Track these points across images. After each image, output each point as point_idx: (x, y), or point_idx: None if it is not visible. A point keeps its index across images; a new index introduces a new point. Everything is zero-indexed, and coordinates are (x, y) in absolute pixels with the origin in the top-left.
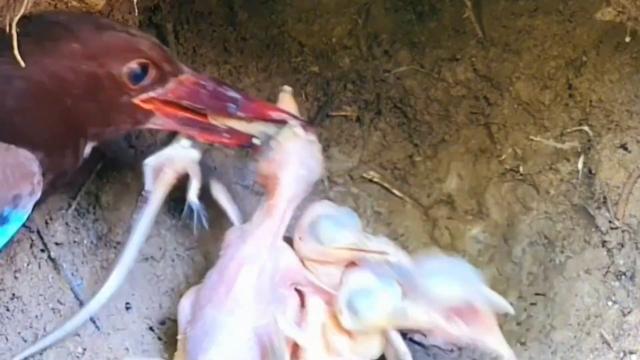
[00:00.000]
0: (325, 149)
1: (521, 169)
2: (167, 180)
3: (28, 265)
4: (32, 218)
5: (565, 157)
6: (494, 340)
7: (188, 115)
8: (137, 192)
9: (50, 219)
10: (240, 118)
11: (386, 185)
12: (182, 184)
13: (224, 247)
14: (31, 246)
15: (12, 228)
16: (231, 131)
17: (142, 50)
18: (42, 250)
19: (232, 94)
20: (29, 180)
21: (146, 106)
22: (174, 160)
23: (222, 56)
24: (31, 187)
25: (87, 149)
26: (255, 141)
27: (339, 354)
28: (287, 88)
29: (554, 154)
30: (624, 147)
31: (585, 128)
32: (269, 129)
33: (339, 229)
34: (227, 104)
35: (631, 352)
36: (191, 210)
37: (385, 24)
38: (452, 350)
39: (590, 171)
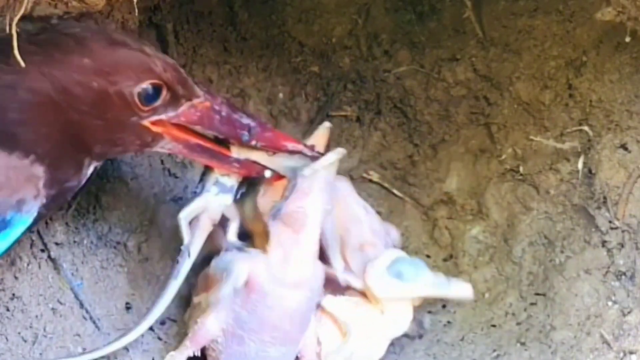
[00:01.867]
0: (326, 149)
1: (521, 169)
2: (205, 229)
3: (28, 265)
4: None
5: (565, 157)
6: None
7: (199, 142)
8: (137, 192)
9: (50, 219)
10: (253, 147)
11: (386, 185)
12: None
13: (251, 279)
14: (31, 246)
15: (15, 232)
16: (241, 161)
17: (155, 71)
18: (42, 250)
19: (246, 121)
20: (33, 183)
21: (155, 129)
22: (208, 209)
23: (222, 56)
24: (36, 191)
25: (90, 169)
26: (267, 173)
27: (369, 331)
28: (327, 124)
29: (554, 154)
30: (624, 147)
31: (585, 128)
32: (295, 162)
33: (418, 268)
34: (241, 132)
35: (631, 352)
36: (231, 249)
37: (385, 24)
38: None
39: (590, 171)
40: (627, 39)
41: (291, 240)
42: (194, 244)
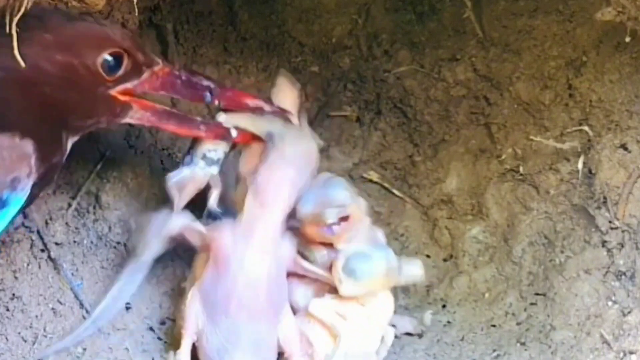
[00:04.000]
0: (325, 149)
1: (521, 169)
2: (189, 194)
3: (28, 265)
4: (32, 218)
5: (565, 157)
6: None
7: (165, 108)
8: (137, 192)
9: (50, 219)
10: (215, 106)
11: (386, 185)
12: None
13: (217, 249)
14: (31, 246)
15: (11, 211)
16: (207, 123)
17: (115, 39)
18: (42, 250)
19: (206, 82)
20: (26, 161)
21: (123, 98)
22: (195, 178)
23: (222, 56)
24: (28, 168)
25: (69, 144)
26: (233, 133)
27: (353, 324)
28: (283, 72)
29: (554, 154)
30: (624, 147)
31: (585, 128)
32: (274, 126)
33: (372, 261)
34: (203, 93)
35: (631, 352)
36: (210, 215)
37: (385, 24)
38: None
39: (590, 171)
40: (627, 39)
41: (258, 212)
42: (178, 204)
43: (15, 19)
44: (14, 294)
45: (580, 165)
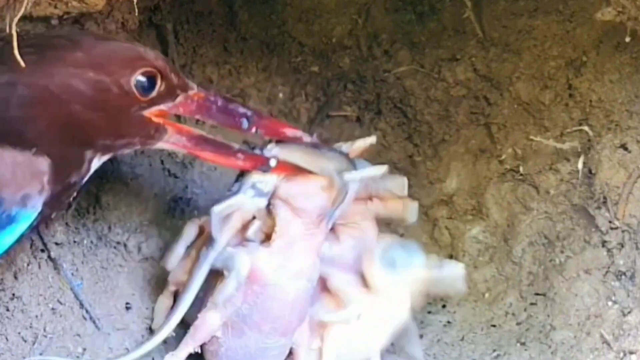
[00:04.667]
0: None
1: (521, 169)
2: (234, 227)
3: (28, 265)
4: None
5: (565, 157)
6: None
7: (202, 133)
8: (137, 192)
9: (50, 219)
10: (253, 134)
11: None
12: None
13: (254, 273)
14: (31, 246)
15: (20, 227)
16: (246, 152)
17: (148, 59)
18: (42, 250)
19: (242, 110)
20: (38, 179)
21: (157, 120)
22: (241, 209)
23: (222, 56)
24: (40, 185)
25: (96, 162)
26: (272, 163)
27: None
28: (374, 139)
29: (554, 154)
30: (624, 147)
31: (585, 128)
32: (334, 163)
33: (411, 253)
34: (239, 120)
35: (631, 352)
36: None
37: (385, 24)
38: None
39: (590, 171)
40: (627, 39)
41: (302, 235)
42: (220, 240)
43: (15, 19)
44: (14, 294)
45: (580, 165)
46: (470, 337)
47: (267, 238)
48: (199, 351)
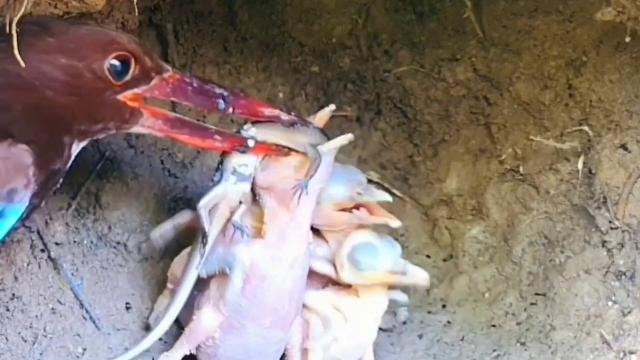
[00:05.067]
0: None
1: (521, 169)
2: (223, 217)
3: (28, 265)
4: (32, 218)
5: (565, 157)
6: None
7: (177, 115)
8: (137, 192)
9: (50, 219)
10: (229, 114)
11: (386, 185)
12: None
13: (253, 274)
14: (31, 246)
15: (8, 222)
16: (223, 133)
17: (121, 43)
18: (42, 250)
19: (219, 90)
20: (23, 172)
21: (132, 104)
22: (227, 197)
23: (222, 56)
24: (26, 179)
25: (75, 148)
26: (250, 143)
27: (345, 313)
28: (332, 107)
29: (554, 154)
30: (624, 147)
31: (585, 128)
32: (309, 138)
33: (378, 256)
34: (216, 100)
35: (631, 352)
36: (234, 228)
37: (385, 24)
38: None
39: (590, 171)
40: (627, 39)
41: (287, 219)
42: (212, 231)
43: (15, 19)
44: (14, 294)
45: (580, 165)
46: (470, 337)
47: (257, 232)
48: (194, 352)
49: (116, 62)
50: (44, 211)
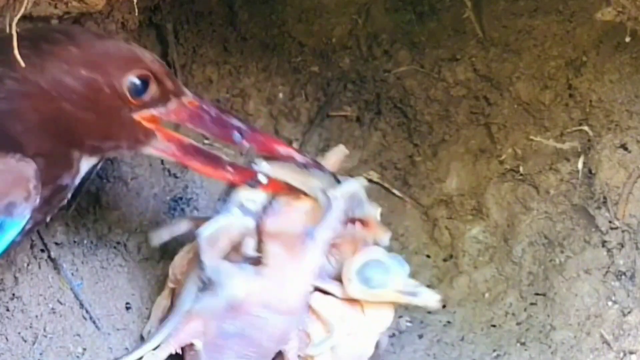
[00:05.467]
0: (325, 149)
1: (521, 169)
2: (223, 251)
3: (28, 265)
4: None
5: (565, 157)
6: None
7: (192, 142)
8: (137, 192)
9: (50, 219)
10: (243, 148)
11: (386, 185)
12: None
13: (245, 310)
14: (31, 246)
15: (7, 237)
16: (235, 166)
17: (143, 61)
18: (42, 250)
19: (236, 122)
20: (23, 186)
21: (147, 125)
22: (230, 230)
23: (222, 56)
24: (26, 193)
25: (85, 165)
26: (262, 180)
27: (353, 330)
28: (343, 149)
29: (554, 154)
30: (624, 147)
31: (585, 128)
32: (320, 181)
33: (389, 274)
34: (232, 132)
35: (631, 352)
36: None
37: (385, 24)
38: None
39: (590, 171)
40: (627, 39)
41: (291, 267)
42: (210, 262)
43: (16, 19)
44: (14, 294)
45: (580, 165)
46: (470, 337)
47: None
48: (180, 352)
49: (136, 80)
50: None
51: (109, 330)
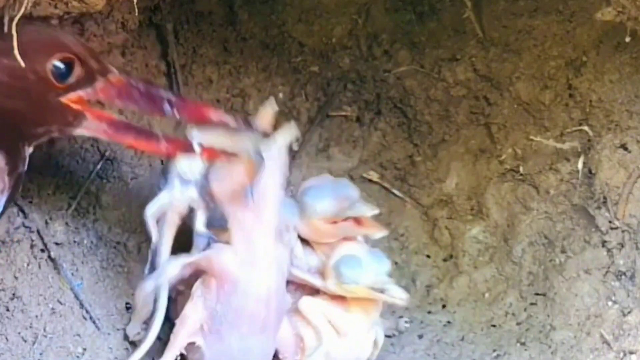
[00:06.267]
0: (325, 149)
1: (521, 169)
2: (172, 225)
3: (28, 265)
4: (32, 218)
5: (565, 157)
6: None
7: (123, 119)
8: (137, 192)
9: (50, 219)
10: (176, 119)
11: (386, 185)
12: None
13: (221, 273)
14: (31, 246)
15: None
16: (168, 138)
17: (65, 44)
18: (42, 250)
19: (164, 94)
20: (0, 177)
21: (76, 106)
22: (174, 204)
23: (222, 56)
24: (2, 184)
25: (28, 151)
26: (197, 148)
27: (337, 326)
28: (271, 104)
29: (554, 154)
30: (624, 147)
31: (585, 128)
32: (251, 142)
33: (362, 270)
34: (161, 105)
35: (631, 352)
36: (201, 237)
37: (385, 24)
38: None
39: (590, 171)
40: (627, 39)
41: (252, 222)
42: (163, 242)
43: (16, 19)
44: (14, 294)
45: (580, 165)
46: (470, 337)
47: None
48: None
49: (60, 64)
50: (44, 211)
51: (109, 330)
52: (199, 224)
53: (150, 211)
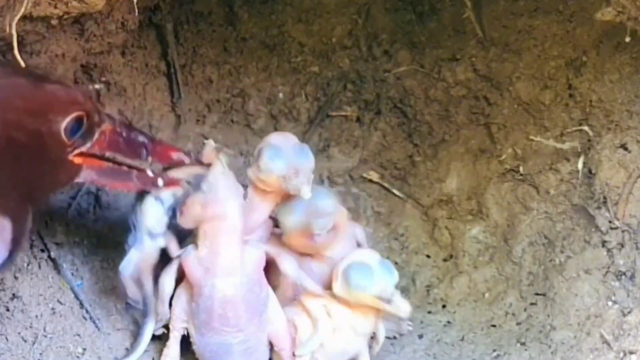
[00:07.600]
0: (325, 149)
1: (521, 169)
2: (149, 274)
3: (28, 265)
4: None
5: (565, 157)
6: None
7: (109, 165)
8: (136, 192)
9: (50, 219)
10: (148, 162)
11: (386, 185)
12: None
13: (188, 275)
14: (31, 246)
15: None
16: (139, 175)
17: (79, 102)
18: (42, 250)
19: (141, 138)
20: (2, 236)
21: (77, 161)
22: (145, 259)
23: (222, 56)
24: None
25: (30, 219)
26: (159, 182)
27: (335, 321)
28: (212, 144)
29: (554, 154)
30: (624, 147)
31: (585, 128)
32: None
33: (372, 279)
34: (139, 150)
35: (631, 352)
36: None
37: (385, 24)
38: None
39: (590, 171)
40: (627, 39)
41: (216, 231)
42: (147, 290)
43: (16, 19)
44: (14, 294)
45: (580, 165)
46: (470, 337)
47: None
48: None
49: (73, 122)
50: (44, 211)
51: (109, 330)
52: (174, 250)
53: (128, 272)
